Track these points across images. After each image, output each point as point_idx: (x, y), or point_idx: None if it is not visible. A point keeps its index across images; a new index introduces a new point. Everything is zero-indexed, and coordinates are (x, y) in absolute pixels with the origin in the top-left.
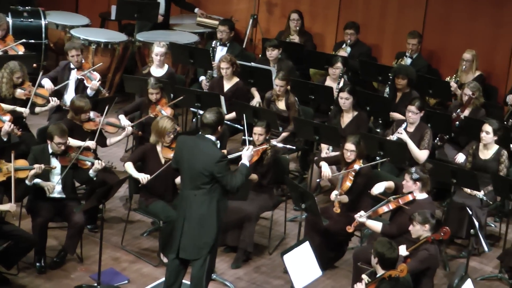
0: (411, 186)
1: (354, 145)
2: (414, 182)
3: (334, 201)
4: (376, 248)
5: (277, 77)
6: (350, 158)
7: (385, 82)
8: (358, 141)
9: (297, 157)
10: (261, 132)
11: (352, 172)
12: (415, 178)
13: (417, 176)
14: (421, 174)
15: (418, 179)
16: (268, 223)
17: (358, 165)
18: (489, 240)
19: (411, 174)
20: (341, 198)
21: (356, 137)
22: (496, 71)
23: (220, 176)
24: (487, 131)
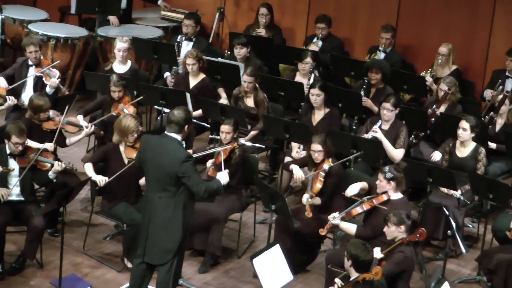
0: (385, 185)
1: (321, 144)
2: (388, 182)
3: (306, 205)
4: (350, 250)
5: (245, 73)
6: (318, 158)
7: (357, 78)
8: (324, 140)
9: (266, 156)
10: (229, 131)
11: (321, 173)
12: (389, 177)
13: (391, 176)
14: (395, 173)
15: (392, 179)
16: (236, 226)
17: (327, 164)
18: (466, 242)
19: (384, 174)
20: (313, 201)
21: (322, 136)
22: (473, 65)
23: (185, 177)
24: (464, 128)
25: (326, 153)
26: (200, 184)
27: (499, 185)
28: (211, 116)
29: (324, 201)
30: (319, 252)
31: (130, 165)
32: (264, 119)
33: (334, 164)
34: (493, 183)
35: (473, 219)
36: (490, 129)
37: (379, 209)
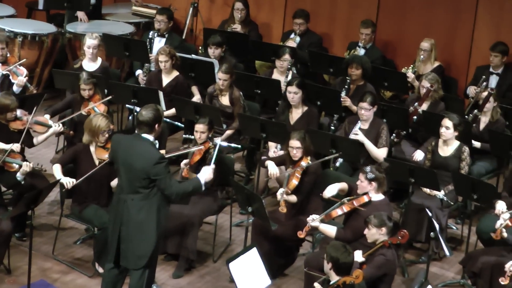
0: (366, 186)
1: (299, 141)
2: (370, 182)
3: (280, 200)
4: (330, 252)
5: (220, 70)
6: (297, 156)
7: (336, 75)
8: (303, 137)
9: (242, 156)
10: (203, 130)
11: (299, 170)
12: (371, 177)
13: (373, 176)
14: (377, 174)
15: (373, 179)
16: (212, 228)
17: (305, 162)
18: (450, 244)
19: (366, 174)
20: (288, 198)
21: (301, 132)
22: (456, 61)
23: (157, 179)
24: (446, 126)
25: (305, 150)
26: (172, 186)
27: (483, 185)
28: (185, 115)
29: (301, 201)
30: (298, 256)
31: (101, 166)
32: (240, 118)
33: (313, 163)
34: (477, 183)
35: (457, 221)
36: (474, 128)
37: (359, 210)
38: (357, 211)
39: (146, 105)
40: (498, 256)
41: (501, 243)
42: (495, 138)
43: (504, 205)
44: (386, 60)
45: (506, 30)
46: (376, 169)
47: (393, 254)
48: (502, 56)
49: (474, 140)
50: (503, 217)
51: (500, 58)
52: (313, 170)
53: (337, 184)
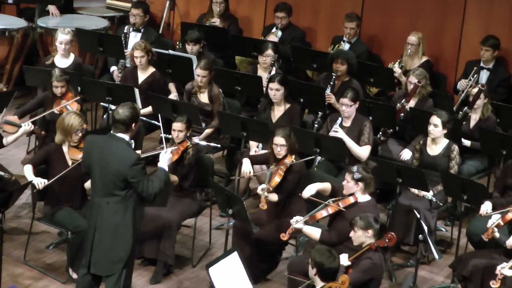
0: (353, 187)
1: (284, 138)
2: (356, 183)
3: (262, 196)
4: (314, 257)
5: (198, 66)
6: (281, 153)
7: (320, 70)
8: (288, 134)
9: (222, 156)
10: (181, 129)
11: (282, 168)
12: (357, 178)
13: (359, 176)
14: (364, 174)
15: (360, 179)
16: (191, 232)
17: (289, 160)
18: (439, 246)
19: (352, 174)
20: (269, 196)
21: (286, 129)
22: (444, 56)
23: (134, 181)
24: (435, 123)
25: (289, 148)
26: (149, 188)
27: (473, 185)
28: (162, 113)
29: (283, 202)
30: (281, 260)
31: (74, 166)
32: (219, 116)
33: (297, 161)
34: (468, 183)
35: (446, 222)
36: (464, 125)
37: (345, 212)
38: (343, 212)
39: (122, 103)
40: (489, 259)
41: (492, 245)
42: (486, 136)
43: (489, 206)
44: (372, 55)
45: (497, 23)
46: (363, 169)
47: (380, 258)
48: (493, 51)
49: (464, 138)
50: (495, 216)
51: (491, 52)
52: (297, 169)
53: (317, 183)
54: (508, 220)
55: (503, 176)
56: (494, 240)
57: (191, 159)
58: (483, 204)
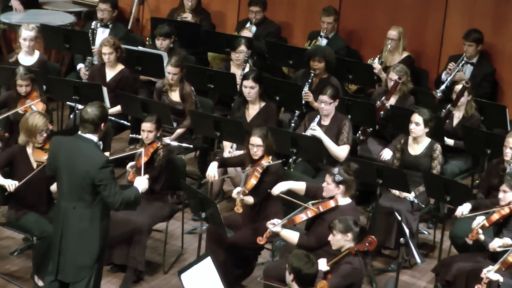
0: (333, 189)
1: (261, 138)
2: (337, 185)
3: (237, 199)
4: (292, 262)
5: (169, 63)
6: (257, 154)
7: (296, 67)
8: (265, 134)
9: (195, 157)
10: (151, 129)
11: (258, 169)
12: (339, 180)
13: (341, 178)
14: (345, 176)
15: (341, 182)
16: (162, 236)
17: (266, 162)
18: (421, 250)
19: (333, 176)
20: (245, 199)
21: (263, 129)
22: (426, 51)
23: (102, 185)
24: (416, 122)
25: (266, 149)
26: (116, 194)
27: (457, 186)
28: (131, 113)
29: (259, 204)
30: (256, 265)
31: (40, 169)
32: (191, 115)
33: (275, 163)
34: (451, 184)
35: (429, 225)
36: (447, 124)
37: (324, 216)
38: (322, 216)
39: (91, 102)
40: (473, 262)
41: (476, 249)
42: (470, 134)
43: (467, 207)
44: (351, 50)
45: (480, 16)
46: (344, 171)
47: (360, 262)
48: (476, 45)
49: (446, 137)
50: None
51: (475, 47)
52: (274, 170)
53: (291, 182)
54: (493, 221)
55: (488, 176)
56: (478, 243)
57: (162, 161)
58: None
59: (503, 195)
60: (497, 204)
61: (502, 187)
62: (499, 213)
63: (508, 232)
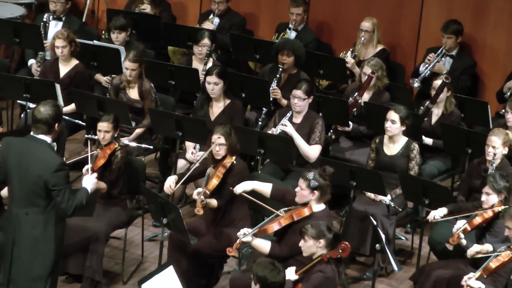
0: (307, 195)
1: (224, 136)
2: (312, 191)
3: (197, 200)
4: (257, 271)
5: (127, 58)
6: (219, 153)
7: (263, 61)
8: (228, 132)
9: (155, 159)
10: (108, 129)
11: (221, 169)
12: (314, 186)
13: (316, 184)
14: (321, 182)
15: (317, 188)
16: (120, 244)
17: (229, 162)
18: (399, 257)
19: (308, 181)
20: (207, 201)
21: (226, 127)
22: (402, 44)
23: (56, 190)
24: (392, 119)
25: (229, 148)
26: (70, 200)
27: (436, 188)
28: (86, 112)
29: (223, 208)
30: (222, 274)
31: None
32: (151, 114)
33: (238, 163)
34: (429, 186)
35: (406, 230)
36: (425, 121)
37: (298, 224)
38: (296, 224)
39: (43, 101)
40: (454, 269)
41: (457, 255)
42: (449, 133)
43: (442, 211)
44: (321, 43)
45: (459, 6)
46: (320, 176)
47: (332, 271)
48: (456, 37)
49: (424, 136)
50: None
51: (454, 39)
52: (238, 171)
53: (255, 182)
54: (475, 225)
55: (468, 178)
56: (459, 249)
57: (120, 163)
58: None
59: (486, 198)
60: (480, 207)
61: (485, 189)
62: (482, 217)
63: (491, 237)
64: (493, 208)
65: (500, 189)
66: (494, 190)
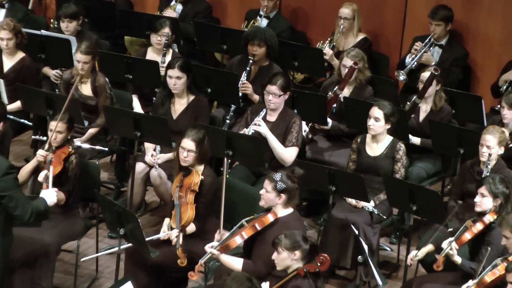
0: (274, 199)
1: (195, 142)
2: (278, 194)
3: (176, 245)
4: (231, 287)
5: (78, 50)
6: (187, 160)
7: (232, 53)
8: (201, 138)
9: (111, 162)
10: (61, 129)
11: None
12: (281, 188)
13: (284, 187)
14: (289, 184)
15: (284, 190)
16: (73, 258)
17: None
18: (383, 270)
19: (275, 183)
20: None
21: (200, 132)
22: (386, 32)
23: (6, 195)
24: (376, 117)
25: (199, 156)
26: (25, 204)
27: (425, 193)
28: (33, 110)
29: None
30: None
31: None
32: (106, 112)
33: (206, 175)
34: (417, 190)
35: (392, 240)
36: (412, 119)
37: (265, 233)
38: (263, 233)
39: None
40: (445, 283)
41: (448, 267)
42: (439, 131)
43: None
44: (296, 32)
45: None
46: (288, 178)
47: (310, 286)
48: (445, 25)
49: (411, 135)
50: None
51: (443, 27)
52: (208, 186)
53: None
54: (464, 242)
55: (461, 181)
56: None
57: (76, 170)
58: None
59: (480, 200)
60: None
61: (481, 189)
62: (471, 232)
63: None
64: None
65: (498, 194)
66: (491, 192)
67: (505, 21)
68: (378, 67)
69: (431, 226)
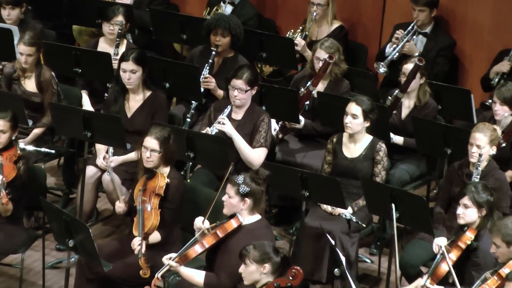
0: (237, 204)
1: (158, 141)
2: (242, 199)
3: (139, 256)
4: None
5: (21, 40)
6: (150, 161)
7: (192, 43)
8: (166, 137)
9: (58, 166)
10: (4, 128)
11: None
12: (244, 192)
13: (247, 190)
14: (253, 187)
15: (248, 194)
16: (17, 272)
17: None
18: (362, 284)
19: (237, 186)
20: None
21: (164, 130)
22: (363, 20)
23: None
24: (353, 114)
25: (164, 157)
26: None
27: (408, 198)
28: None
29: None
30: None
31: None
32: (52, 110)
33: (172, 178)
34: (400, 195)
35: (372, 250)
36: (394, 115)
37: (228, 241)
38: (227, 242)
39: None
40: None
41: None
42: (423, 129)
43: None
44: (264, 20)
45: None
46: (252, 180)
47: None
48: (430, 10)
49: (393, 134)
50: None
51: (428, 13)
52: (174, 190)
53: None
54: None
55: (448, 184)
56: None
57: (24, 176)
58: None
59: (463, 211)
60: None
61: (463, 200)
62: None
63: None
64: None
65: (482, 203)
66: (474, 203)
67: (496, 7)
68: (356, 59)
69: (415, 235)
